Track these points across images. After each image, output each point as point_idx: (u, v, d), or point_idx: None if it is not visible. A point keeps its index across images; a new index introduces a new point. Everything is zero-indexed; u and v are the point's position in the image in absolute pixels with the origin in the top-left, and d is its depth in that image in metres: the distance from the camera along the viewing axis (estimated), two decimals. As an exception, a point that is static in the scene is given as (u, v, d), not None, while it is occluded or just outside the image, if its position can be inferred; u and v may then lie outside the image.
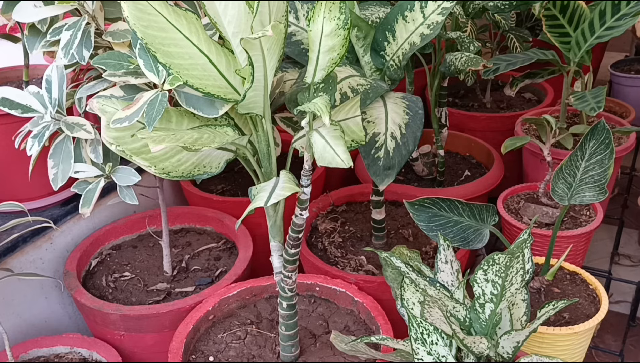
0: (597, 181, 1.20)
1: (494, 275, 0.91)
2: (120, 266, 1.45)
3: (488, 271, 0.92)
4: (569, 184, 1.22)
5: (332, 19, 0.86)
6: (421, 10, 1.12)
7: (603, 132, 1.21)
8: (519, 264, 0.91)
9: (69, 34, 1.00)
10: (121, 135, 0.87)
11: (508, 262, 0.89)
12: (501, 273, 0.91)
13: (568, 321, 1.19)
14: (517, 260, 0.90)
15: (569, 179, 1.22)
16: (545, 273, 1.28)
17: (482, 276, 0.92)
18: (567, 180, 1.23)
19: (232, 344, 1.20)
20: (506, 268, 0.90)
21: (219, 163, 0.95)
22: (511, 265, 0.90)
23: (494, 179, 1.72)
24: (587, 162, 1.21)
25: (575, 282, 1.30)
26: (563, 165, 1.23)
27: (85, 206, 1.05)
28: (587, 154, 1.21)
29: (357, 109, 1.00)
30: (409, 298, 1.01)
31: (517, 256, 0.90)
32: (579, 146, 1.22)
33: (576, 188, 1.21)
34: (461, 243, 1.22)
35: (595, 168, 1.20)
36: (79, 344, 1.25)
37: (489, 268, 0.91)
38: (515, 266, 0.91)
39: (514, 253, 0.89)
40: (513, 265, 0.90)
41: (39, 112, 1.01)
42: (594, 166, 1.21)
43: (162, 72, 0.87)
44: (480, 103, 2.20)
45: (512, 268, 0.90)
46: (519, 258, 0.91)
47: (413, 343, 0.89)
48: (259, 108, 0.89)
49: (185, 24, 0.82)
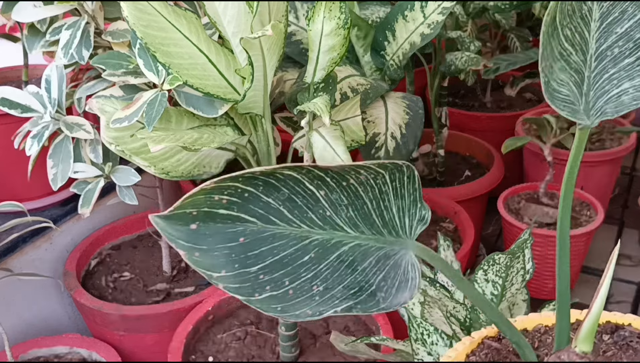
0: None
1: (495, 275, 0.91)
2: (119, 266, 1.44)
3: (488, 272, 0.91)
4: (578, 73, 0.55)
5: (332, 19, 0.86)
6: (421, 10, 1.12)
7: None
8: (519, 264, 0.91)
9: (69, 34, 0.99)
10: (121, 135, 0.87)
11: (508, 262, 0.89)
12: (501, 273, 0.91)
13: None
14: (517, 260, 0.90)
15: (575, 60, 0.54)
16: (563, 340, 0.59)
17: (483, 276, 0.92)
18: (572, 63, 0.54)
19: (231, 344, 1.20)
20: (507, 268, 0.90)
21: (219, 162, 0.95)
22: (512, 265, 0.90)
23: (494, 179, 1.71)
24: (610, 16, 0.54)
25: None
26: (550, 27, 0.53)
27: (85, 206, 1.05)
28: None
29: (357, 108, 1.00)
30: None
31: (517, 256, 0.90)
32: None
33: (599, 80, 0.54)
34: (345, 301, 0.50)
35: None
36: (79, 344, 1.24)
37: (489, 268, 0.91)
38: (515, 266, 0.91)
39: (514, 253, 0.89)
40: (513, 265, 0.90)
41: (39, 112, 1.01)
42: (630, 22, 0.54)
43: (162, 72, 0.86)
44: (480, 103, 2.20)
45: (512, 268, 0.90)
46: (519, 258, 0.90)
47: (413, 343, 0.89)
48: (258, 108, 0.89)
49: (185, 24, 0.82)
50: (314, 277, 0.49)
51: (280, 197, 0.48)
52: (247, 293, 0.47)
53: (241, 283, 0.47)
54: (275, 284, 0.47)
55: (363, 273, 0.50)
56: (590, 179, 1.73)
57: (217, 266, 0.47)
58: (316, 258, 0.49)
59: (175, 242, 0.46)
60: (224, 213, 0.47)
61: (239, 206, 0.47)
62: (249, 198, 0.47)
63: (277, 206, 0.48)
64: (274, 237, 0.48)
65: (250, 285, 0.47)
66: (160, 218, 0.47)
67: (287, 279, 0.48)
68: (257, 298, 0.47)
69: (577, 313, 0.60)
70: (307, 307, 0.48)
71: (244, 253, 0.47)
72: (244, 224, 0.47)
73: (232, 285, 0.47)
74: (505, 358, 0.59)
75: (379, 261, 0.51)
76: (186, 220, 0.46)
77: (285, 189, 0.48)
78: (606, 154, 1.71)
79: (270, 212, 0.48)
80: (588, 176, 1.73)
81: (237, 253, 0.47)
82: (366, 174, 0.50)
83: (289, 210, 0.49)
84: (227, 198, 0.47)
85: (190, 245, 0.47)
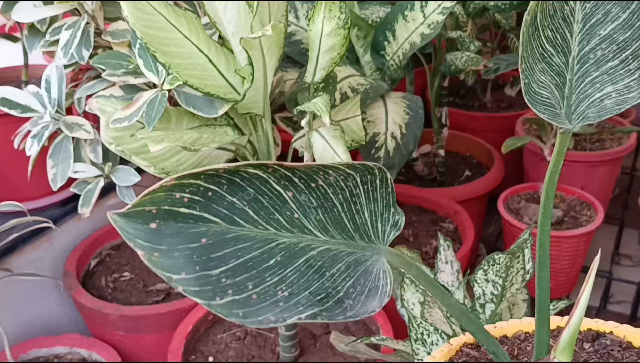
0: (635, 52, 0.51)
1: (495, 275, 0.91)
2: (119, 266, 1.44)
3: (488, 271, 0.91)
4: (560, 76, 0.53)
5: (332, 19, 0.86)
6: (421, 10, 1.12)
7: None
8: (519, 264, 0.91)
9: (69, 34, 0.99)
10: (120, 135, 0.87)
11: (508, 262, 0.89)
12: (502, 273, 0.91)
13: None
14: (517, 260, 0.90)
15: (556, 62, 0.52)
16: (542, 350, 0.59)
17: (483, 276, 0.92)
18: (554, 65, 0.52)
19: (231, 344, 1.20)
20: (507, 268, 0.90)
21: (219, 163, 0.95)
22: (512, 265, 0.90)
23: (494, 179, 1.71)
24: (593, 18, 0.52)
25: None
26: (530, 26, 0.50)
27: (85, 206, 1.05)
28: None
29: (357, 108, 1.00)
30: (409, 298, 1.00)
31: (517, 256, 0.90)
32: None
33: (581, 83, 0.53)
34: (310, 308, 0.47)
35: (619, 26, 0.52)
36: (79, 344, 1.24)
37: (489, 268, 0.91)
38: (515, 266, 0.91)
39: (514, 253, 0.89)
40: (513, 265, 0.90)
41: (38, 112, 1.01)
42: (612, 25, 0.51)
43: (162, 71, 0.86)
44: (480, 103, 2.20)
45: (512, 268, 0.90)
46: (519, 258, 0.90)
47: (413, 343, 0.89)
48: (258, 108, 0.89)
49: (184, 24, 0.82)
50: (279, 282, 0.46)
51: (246, 197, 0.46)
52: (208, 297, 0.44)
53: (202, 286, 0.44)
54: (238, 288, 0.45)
55: (331, 279, 0.48)
56: (590, 179, 1.73)
57: (177, 267, 0.44)
58: (282, 262, 0.46)
59: (134, 241, 0.43)
60: (186, 212, 0.45)
61: (201, 205, 0.45)
62: (212, 197, 0.45)
63: (242, 206, 0.46)
64: (238, 239, 0.46)
65: (212, 289, 0.44)
66: (119, 216, 0.44)
67: (251, 283, 0.45)
68: (218, 302, 0.44)
69: (559, 320, 0.59)
70: (271, 313, 0.45)
71: (206, 255, 0.45)
72: (206, 225, 0.45)
73: (192, 288, 0.44)
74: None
75: (348, 267, 0.49)
76: (146, 218, 0.44)
77: (251, 189, 0.46)
78: (606, 154, 1.71)
79: (234, 213, 0.46)
80: (588, 176, 1.73)
81: (199, 255, 0.44)
82: (335, 175, 0.48)
83: (255, 211, 0.46)
84: (189, 196, 0.45)
85: (149, 245, 0.44)
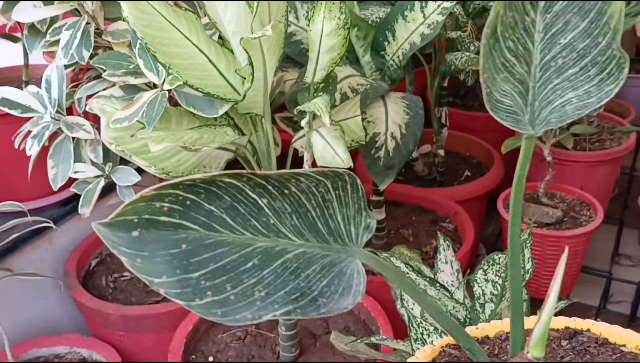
0: (593, 59, 0.54)
1: (494, 275, 0.91)
2: (119, 266, 1.44)
3: (488, 271, 0.91)
4: (522, 84, 0.54)
5: (332, 19, 0.86)
6: (421, 10, 1.12)
7: None
8: (519, 264, 0.91)
9: (69, 34, 0.99)
10: (121, 135, 0.87)
11: (508, 262, 0.89)
12: (501, 273, 0.91)
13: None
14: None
15: (519, 71, 0.53)
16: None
17: (482, 276, 0.92)
18: (516, 74, 0.54)
19: (231, 344, 1.20)
20: (506, 268, 0.90)
21: (219, 163, 0.95)
22: (511, 265, 0.90)
23: (494, 179, 1.71)
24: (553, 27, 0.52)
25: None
26: (490, 37, 0.50)
27: (85, 206, 1.05)
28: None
29: (357, 109, 1.00)
30: (408, 298, 1.00)
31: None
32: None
33: (544, 90, 0.54)
34: (285, 306, 0.50)
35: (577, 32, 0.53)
36: (79, 344, 1.24)
37: (489, 268, 0.91)
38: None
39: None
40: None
41: (39, 112, 1.01)
42: (572, 33, 0.53)
43: (162, 72, 0.86)
44: (480, 103, 2.20)
45: (512, 268, 0.90)
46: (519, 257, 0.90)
47: (413, 343, 0.89)
48: (258, 108, 0.89)
49: (185, 24, 0.82)
50: (256, 283, 0.48)
51: (223, 205, 0.48)
52: (188, 298, 0.47)
53: (182, 288, 0.47)
54: (217, 289, 0.48)
55: (306, 279, 0.50)
56: (590, 179, 1.73)
57: (159, 272, 0.47)
58: (260, 264, 0.49)
59: (117, 249, 0.46)
60: (166, 220, 0.47)
61: (180, 214, 0.47)
62: (190, 205, 0.47)
63: (219, 213, 0.48)
64: (216, 244, 0.48)
65: (192, 291, 0.47)
66: (103, 226, 0.46)
67: (229, 285, 0.48)
68: (197, 303, 0.47)
69: (534, 319, 0.60)
70: (248, 311, 0.48)
71: (186, 260, 0.47)
72: (186, 232, 0.47)
73: (173, 291, 0.47)
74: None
75: (323, 269, 0.51)
76: (128, 227, 0.46)
77: (227, 197, 0.48)
78: (606, 154, 1.71)
79: (212, 219, 0.48)
80: (588, 176, 1.73)
81: (179, 260, 0.47)
82: (307, 182, 0.50)
83: (232, 218, 0.49)
84: (169, 205, 0.47)
85: (132, 252, 0.46)
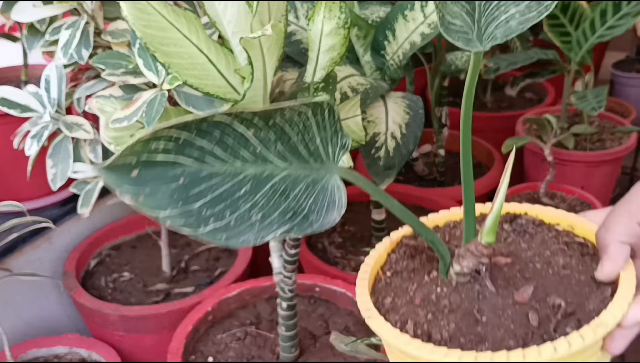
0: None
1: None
2: (119, 266, 1.44)
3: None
4: (469, 3, 0.59)
5: (332, 18, 0.86)
6: (422, 10, 1.12)
7: None
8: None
9: (68, 34, 0.99)
10: (120, 135, 0.87)
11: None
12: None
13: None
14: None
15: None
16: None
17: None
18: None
19: (231, 345, 1.20)
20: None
21: (219, 162, 0.95)
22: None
23: (494, 179, 1.71)
24: None
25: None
26: None
27: (84, 206, 1.05)
28: None
29: (357, 108, 1.00)
30: (409, 298, 1.00)
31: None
32: None
33: (488, 7, 0.59)
34: (283, 226, 0.54)
35: None
36: (78, 344, 1.24)
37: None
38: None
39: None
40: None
41: (38, 112, 1.01)
42: None
43: (162, 71, 0.86)
44: (480, 103, 2.20)
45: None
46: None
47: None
48: (258, 108, 0.89)
49: (184, 24, 0.82)
50: (251, 207, 0.53)
51: (213, 140, 0.52)
52: (194, 227, 0.51)
53: (186, 218, 0.51)
54: (218, 216, 0.52)
55: (295, 199, 0.55)
56: (590, 179, 1.73)
57: (162, 206, 0.51)
58: (251, 190, 0.54)
59: (120, 188, 0.49)
60: (162, 158, 0.51)
61: (175, 151, 0.51)
62: (183, 143, 0.51)
63: (210, 148, 0.52)
64: (211, 176, 0.52)
65: (195, 220, 0.51)
66: (104, 169, 0.49)
67: (228, 211, 0.52)
68: (203, 230, 0.51)
69: (482, 206, 0.68)
70: (249, 234, 0.52)
71: (185, 192, 0.51)
72: (181, 167, 0.51)
73: (178, 221, 0.51)
74: (421, 253, 0.67)
75: (308, 187, 0.56)
76: (128, 168, 0.49)
77: (217, 132, 0.52)
78: (606, 154, 1.70)
79: (204, 154, 0.52)
80: (588, 176, 1.72)
81: (179, 193, 0.51)
82: (290, 113, 0.55)
83: (223, 149, 0.53)
84: (164, 144, 0.51)
85: (134, 190, 0.50)
